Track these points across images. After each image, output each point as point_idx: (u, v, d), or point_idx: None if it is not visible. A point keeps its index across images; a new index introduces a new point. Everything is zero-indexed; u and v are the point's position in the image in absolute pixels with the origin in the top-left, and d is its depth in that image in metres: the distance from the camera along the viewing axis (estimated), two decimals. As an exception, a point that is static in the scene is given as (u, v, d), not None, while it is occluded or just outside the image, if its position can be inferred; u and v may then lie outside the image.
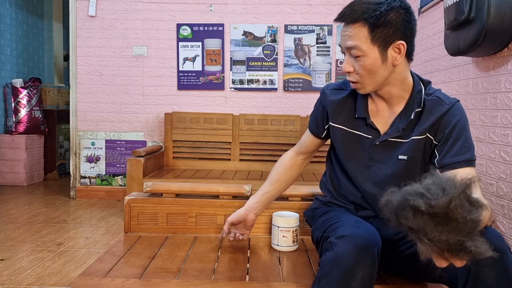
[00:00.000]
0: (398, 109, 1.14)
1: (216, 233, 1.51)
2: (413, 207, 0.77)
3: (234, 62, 3.65)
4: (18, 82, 4.27)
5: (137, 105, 3.70)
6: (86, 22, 3.66)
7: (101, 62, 3.68)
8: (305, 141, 1.35)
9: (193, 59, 3.65)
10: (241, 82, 3.65)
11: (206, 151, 3.55)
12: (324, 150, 1.36)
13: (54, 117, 4.52)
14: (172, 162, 3.55)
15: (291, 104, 3.65)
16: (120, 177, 3.75)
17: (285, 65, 3.64)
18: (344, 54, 1.12)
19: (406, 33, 1.06)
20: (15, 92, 4.25)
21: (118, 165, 3.74)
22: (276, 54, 3.64)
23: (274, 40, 3.63)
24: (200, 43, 3.63)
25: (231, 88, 3.66)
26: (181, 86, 3.67)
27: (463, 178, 0.79)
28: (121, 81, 3.69)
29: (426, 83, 1.16)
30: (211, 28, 3.63)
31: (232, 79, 3.66)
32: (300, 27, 3.62)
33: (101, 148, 3.73)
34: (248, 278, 1.16)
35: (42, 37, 5.14)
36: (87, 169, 3.75)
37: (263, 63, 3.64)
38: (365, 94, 1.17)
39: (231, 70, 3.65)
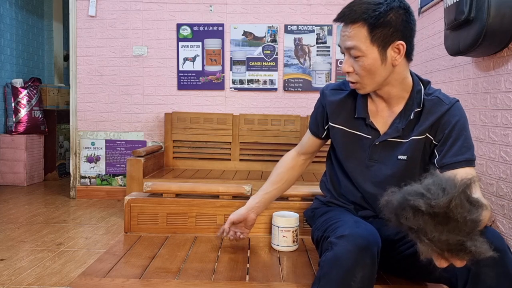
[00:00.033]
0: (398, 109, 1.14)
1: (216, 233, 1.51)
2: (413, 207, 0.77)
3: (234, 62, 3.65)
4: (18, 82, 4.28)
5: (137, 105, 3.70)
6: (86, 22, 3.66)
7: (101, 62, 3.69)
8: (306, 142, 1.35)
9: (193, 59, 3.65)
10: (241, 82, 3.65)
11: (206, 151, 3.55)
12: (324, 150, 1.36)
13: (54, 117, 4.52)
14: (172, 162, 3.55)
15: (291, 104, 3.65)
16: (120, 177, 3.75)
17: (285, 65, 3.64)
18: (344, 55, 1.12)
19: (406, 33, 1.06)
20: (15, 92, 4.25)
21: (118, 165, 3.74)
22: (276, 54, 3.64)
23: (274, 40, 3.63)
24: (200, 43, 3.63)
25: (231, 88, 3.66)
26: (181, 86, 3.67)
27: (463, 178, 0.79)
28: (121, 81, 3.69)
29: (426, 83, 1.16)
30: (211, 28, 3.63)
31: (232, 79, 3.66)
32: (300, 27, 3.62)
33: (101, 148, 3.74)
34: (248, 278, 1.16)
35: (42, 37, 5.14)
36: (87, 169, 3.75)
37: (263, 63, 3.64)
38: (365, 94, 1.17)
39: (231, 70, 3.65)
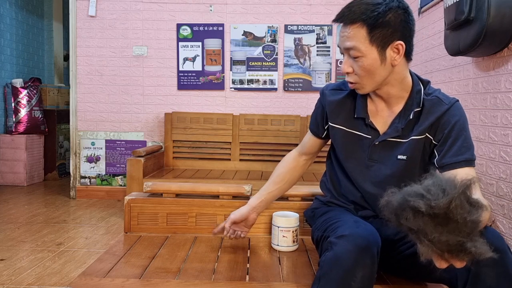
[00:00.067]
0: (397, 109, 1.14)
1: (213, 230, 1.50)
2: (413, 208, 0.77)
3: (234, 62, 3.65)
4: (18, 82, 4.28)
5: (137, 105, 3.70)
6: (86, 22, 3.66)
7: (101, 62, 3.69)
8: (307, 142, 1.35)
9: (193, 59, 3.65)
10: (241, 82, 3.65)
11: (206, 151, 3.55)
12: (324, 150, 1.36)
13: (54, 117, 4.52)
14: (172, 162, 3.55)
15: (291, 104, 3.65)
16: (120, 177, 3.75)
17: (285, 65, 3.64)
18: (343, 55, 1.12)
19: (405, 33, 1.06)
20: (15, 92, 4.25)
21: (118, 165, 3.74)
22: (276, 54, 3.64)
23: (274, 40, 3.63)
24: (200, 43, 3.63)
25: (231, 88, 3.66)
26: (181, 86, 3.67)
27: (463, 179, 0.79)
28: (121, 81, 3.69)
29: (426, 83, 1.16)
30: (211, 28, 3.63)
31: (232, 79, 3.66)
32: (300, 27, 3.62)
33: (101, 148, 3.74)
34: (248, 278, 1.16)
35: (42, 37, 5.14)
36: (87, 169, 3.75)
37: (263, 63, 3.64)
38: (364, 94, 1.17)
39: (231, 70, 3.65)
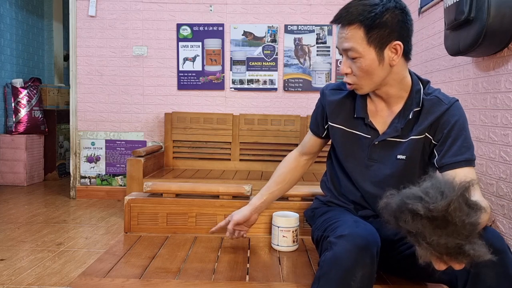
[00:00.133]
0: (397, 109, 1.15)
1: (216, 234, 1.51)
2: (412, 211, 0.77)
3: (234, 62, 3.65)
4: (18, 82, 4.28)
5: (137, 105, 3.70)
6: (86, 22, 3.66)
7: (101, 62, 3.69)
8: (307, 142, 1.36)
9: (193, 59, 3.65)
10: (241, 82, 3.65)
11: (206, 151, 3.55)
12: (325, 150, 1.36)
13: (54, 117, 4.52)
14: (172, 162, 3.55)
15: (291, 104, 3.65)
16: (120, 177, 3.75)
17: (285, 65, 3.64)
18: (342, 56, 1.13)
19: (402, 33, 1.06)
20: (15, 92, 4.25)
21: (118, 165, 3.74)
22: (276, 54, 3.64)
23: (274, 40, 3.63)
24: (200, 43, 3.63)
25: (231, 88, 3.66)
26: (181, 86, 3.67)
27: (462, 181, 0.79)
28: (121, 81, 3.69)
29: (425, 83, 1.16)
30: (211, 28, 3.63)
31: (232, 79, 3.66)
32: (300, 27, 3.62)
33: (101, 148, 3.74)
34: (248, 278, 1.16)
35: (42, 37, 5.14)
36: (87, 169, 3.75)
37: (263, 63, 3.64)
38: (364, 94, 1.17)
39: (231, 70, 3.65)
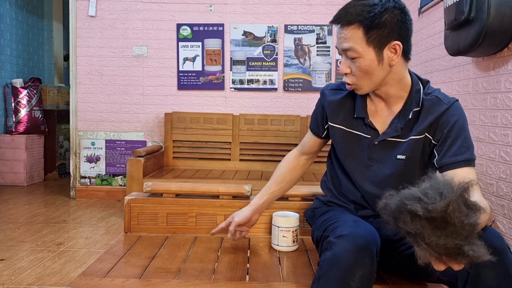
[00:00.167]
0: (397, 109, 1.15)
1: (217, 234, 1.50)
2: (411, 212, 0.77)
3: (234, 62, 3.65)
4: (18, 82, 4.28)
5: (137, 105, 3.70)
6: (86, 22, 3.66)
7: (101, 62, 3.69)
8: (307, 141, 1.36)
9: (193, 59, 3.65)
10: (241, 82, 3.65)
11: (206, 151, 3.55)
12: (325, 150, 1.36)
13: (54, 117, 4.52)
14: (172, 162, 3.55)
15: (291, 104, 3.65)
16: (120, 177, 3.75)
17: (285, 65, 3.64)
18: (341, 56, 1.13)
19: (402, 33, 1.06)
20: (15, 92, 4.25)
21: (118, 165, 3.74)
22: (276, 54, 3.64)
23: (274, 40, 3.63)
24: (200, 43, 3.63)
25: (231, 88, 3.66)
26: (181, 86, 3.67)
27: (461, 182, 0.79)
28: (121, 81, 3.69)
29: (425, 83, 1.16)
30: (211, 28, 3.63)
31: (232, 79, 3.66)
32: (300, 27, 3.62)
33: (101, 148, 3.74)
34: (248, 278, 1.16)
35: (42, 37, 5.14)
36: (87, 169, 3.75)
37: (263, 63, 3.64)
38: (364, 94, 1.17)
39: (231, 70, 3.65)
